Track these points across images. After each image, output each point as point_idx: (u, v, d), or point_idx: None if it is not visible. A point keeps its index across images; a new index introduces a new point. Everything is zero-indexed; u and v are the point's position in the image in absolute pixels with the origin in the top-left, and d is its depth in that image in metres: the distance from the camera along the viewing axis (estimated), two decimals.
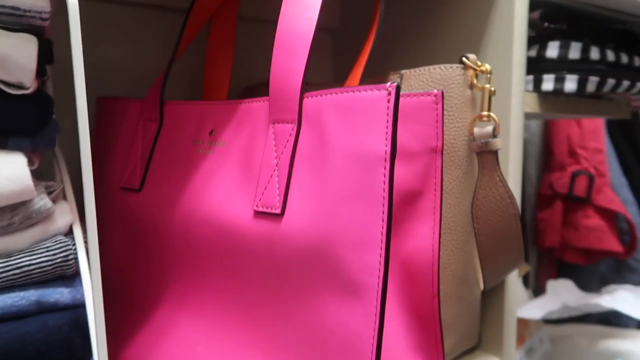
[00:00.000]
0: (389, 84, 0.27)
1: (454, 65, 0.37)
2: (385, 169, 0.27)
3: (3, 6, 0.28)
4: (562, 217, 0.78)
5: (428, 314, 0.34)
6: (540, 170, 0.83)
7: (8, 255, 0.30)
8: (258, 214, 0.32)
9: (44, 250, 0.31)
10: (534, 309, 0.64)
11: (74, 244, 0.32)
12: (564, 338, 0.67)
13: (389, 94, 0.27)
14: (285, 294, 0.31)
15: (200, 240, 0.36)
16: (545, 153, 0.83)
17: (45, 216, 0.31)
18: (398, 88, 0.27)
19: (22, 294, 0.30)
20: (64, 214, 0.32)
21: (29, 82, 0.29)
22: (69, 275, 0.32)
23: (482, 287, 0.43)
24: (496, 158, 0.37)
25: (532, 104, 0.46)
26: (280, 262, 0.31)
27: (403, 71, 0.40)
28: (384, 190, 0.27)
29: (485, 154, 0.37)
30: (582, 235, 0.76)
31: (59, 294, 0.31)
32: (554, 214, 0.78)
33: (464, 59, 0.37)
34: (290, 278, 0.31)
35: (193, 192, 0.37)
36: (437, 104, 0.33)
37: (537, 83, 0.46)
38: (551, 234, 0.78)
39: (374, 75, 0.41)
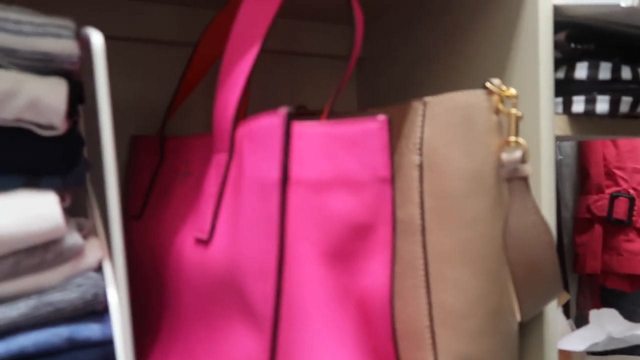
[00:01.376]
0: (281, 109, 0.27)
1: (478, 91, 0.36)
2: (277, 195, 0.27)
3: (34, 52, 0.29)
4: (603, 241, 0.74)
5: (387, 357, 0.32)
6: (576, 192, 0.80)
7: (40, 292, 0.30)
8: (196, 241, 0.33)
9: (75, 287, 0.31)
10: (577, 341, 0.61)
11: (104, 281, 0.32)
12: None
13: (281, 119, 0.27)
14: (209, 322, 0.32)
15: (167, 265, 0.37)
16: (581, 175, 0.81)
17: (76, 253, 0.32)
18: (289, 115, 0.27)
19: (54, 330, 0.30)
20: (95, 251, 0.33)
21: (60, 123, 0.30)
22: (99, 311, 0.32)
23: (519, 318, 0.41)
24: (527, 184, 0.36)
25: (563, 126, 0.44)
26: (206, 288, 0.32)
27: (426, 98, 0.39)
28: (278, 217, 0.27)
29: (515, 181, 0.36)
30: (625, 260, 0.72)
31: (90, 331, 0.31)
32: (593, 238, 0.75)
33: (488, 84, 0.36)
34: (212, 305, 0.31)
35: (167, 220, 0.38)
36: (382, 129, 0.31)
37: (567, 105, 0.45)
38: (592, 260, 0.75)
39: (398, 103, 0.41)
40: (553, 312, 0.42)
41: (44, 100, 0.29)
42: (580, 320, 0.78)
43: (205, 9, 0.55)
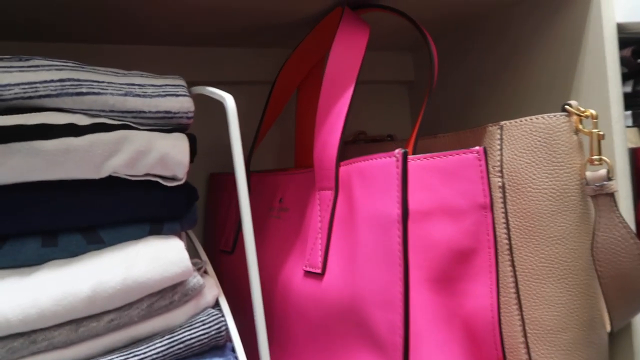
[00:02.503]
0: (397, 150, 0.29)
1: (558, 114, 0.38)
2: (399, 230, 0.28)
3: (158, 111, 0.32)
4: None
5: None
6: (634, 196, 0.80)
7: (171, 330, 0.33)
8: (306, 274, 0.35)
9: (200, 324, 0.33)
10: None
11: (223, 316, 0.35)
12: None
13: (397, 160, 0.29)
14: (328, 350, 0.33)
15: (271, 297, 0.39)
16: (637, 178, 0.81)
17: (198, 292, 0.34)
18: (405, 154, 0.29)
19: None
20: (211, 288, 0.35)
21: (183, 174, 0.33)
22: (221, 345, 0.35)
23: (609, 329, 0.42)
24: (613, 200, 0.37)
25: (634, 139, 0.46)
26: (323, 318, 0.34)
27: (502, 122, 0.41)
28: (399, 252, 0.28)
29: (601, 197, 0.37)
30: None
31: None
32: None
33: (567, 106, 0.38)
34: (330, 333, 0.33)
35: (267, 254, 0.40)
36: (480, 160, 0.33)
37: (637, 117, 0.46)
38: None
39: (471, 128, 0.43)
40: None
41: (171, 156, 0.31)
42: None
43: (273, 49, 0.57)
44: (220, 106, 0.56)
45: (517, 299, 0.40)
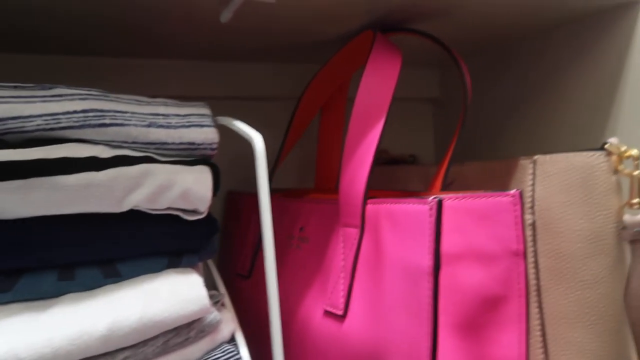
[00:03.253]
0: (431, 198, 0.28)
1: (597, 152, 0.36)
2: (429, 282, 0.27)
3: (182, 143, 0.31)
4: None
5: None
6: None
7: None
8: (326, 313, 0.34)
9: None
10: None
11: (239, 352, 0.34)
12: None
13: (431, 208, 0.28)
14: None
15: (288, 331, 0.37)
16: None
17: (214, 328, 0.33)
18: (439, 203, 0.28)
19: None
20: (228, 323, 0.34)
21: (204, 209, 0.32)
22: None
23: None
24: None
25: None
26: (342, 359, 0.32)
27: (537, 157, 0.39)
28: (428, 304, 0.27)
29: (638, 243, 0.35)
30: None
31: None
32: None
33: (607, 145, 0.36)
34: None
35: (285, 285, 0.39)
36: (515, 204, 0.31)
37: None
38: None
39: (500, 157, 0.41)
40: None
41: (193, 191, 0.30)
42: None
43: (294, 64, 0.56)
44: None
45: (544, 342, 0.38)
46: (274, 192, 0.47)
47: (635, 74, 0.42)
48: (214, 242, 0.35)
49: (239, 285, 0.46)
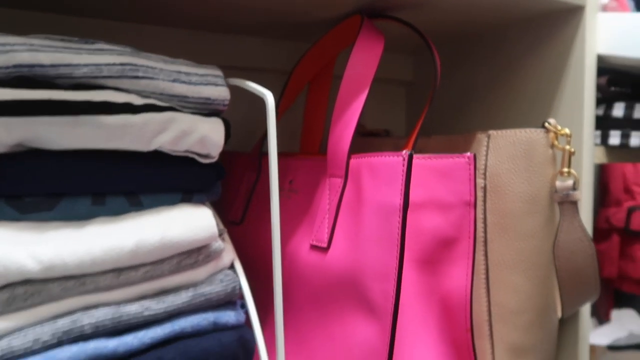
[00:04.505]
0: (404, 151, 0.35)
1: (538, 130, 0.44)
2: (399, 217, 0.35)
3: (200, 98, 0.37)
4: (620, 249, 0.83)
5: (464, 345, 0.39)
6: (595, 206, 0.88)
7: (194, 285, 0.38)
8: (312, 247, 0.40)
9: (219, 281, 0.39)
10: (601, 336, 0.69)
11: (238, 277, 0.40)
12: None
13: (404, 160, 0.35)
14: (326, 313, 0.39)
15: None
16: (601, 190, 0.89)
17: (218, 254, 0.39)
18: (411, 156, 0.35)
19: (203, 315, 0.38)
20: (229, 253, 0.41)
21: (216, 154, 0.38)
22: (233, 302, 0.40)
23: (559, 316, 0.49)
24: (576, 207, 0.44)
25: (600, 155, 0.52)
26: (324, 286, 0.39)
27: (491, 132, 0.47)
28: (398, 235, 0.34)
29: (566, 204, 0.44)
30: (638, 266, 0.80)
31: (228, 317, 0.39)
32: (611, 247, 0.83)
33: (546, 124, 0.44)
34: (330, 300, 0.39)
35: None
36: (469, 164, 0.38)
37: (605, 138, 0.52)
38: (609, 266, 0.83)
39: (460, 128, 0.49)
40: (587, 313, 0.50)
41: (209, 137, 0.36)
42: (596, 319, 0.87)
43: (286, 41, 0.62)
44: (235, 90, 0.61)
45: (486, 284, 0.46)
46: (264, 153, 0.53)
47: (575, 70, 0.50)
48: (218, 185, 0.41)
49: (230, 231, 0.52)
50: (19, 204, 0.34)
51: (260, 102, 0.63)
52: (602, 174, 0.88)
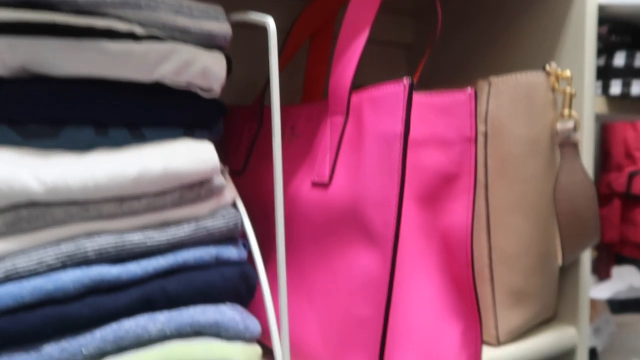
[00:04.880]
0: (404, 79, 0.35)
1: (539, 72, 0.44)
2: (400, 144, 0.35)
3: (202, 31, 0.37)
4: (621, 214, 0.83)
5: (464, 279, 0.40)
6: (597, 170, 0.88)
7: (197, 219, 0.38)
8: (313, 185, 0.41)
9: (221, 217, 0.39)
10: (601, 291, 0.69)
11: (240, 214, 0.41)
12: (627, 325, 0.72)
13: (405, 87, 0.35)
14: (327, 250, 0.39)
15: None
16: (603, 155, 0.89)
17: (220, 190, 0.40)
18: (412, 84, 0.35)
19: (206, 249, 0.38)
20: (230, 190, 0.41)
21: (218, 88, 0.38)
22: (235, 238, 0.41)
23: (560, 263, 0.49)
24: (577, 149, 0.44)
25: (601, 105, 0.52)
26: (325, 222, 0.39)
27: (491, 78, 0.47)
28: (399, 161, 0.35)
29: (567, 146, 0.44)
30: None
31: (230, 252, 0.39)
32: (612, 211, 0.83)
33: (546, 66, 0.44)
34: (331, 235, 0.39)
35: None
36: (470, 100, 0.39)
37: (606, 88, 0.53)
38: (610, 230, 0.83)
39: (464, 82, 0.49)
40: (588, 260, 0.50)
41: (211, 69, 0.37)
42: (597, 278, 0.87)
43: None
44: (236, 43, 0.61)
45: (487, 229, 0.47)
46: (265, 105, 0.53)
47: (576, 19, 0.50)
48: (220, 124, 0.42)
49: (233, 181, 0.52)
50: (22, 130, 0.34)
51: (263, 53, 0.63)
52: (603, 140, 0.88)
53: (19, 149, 0.34)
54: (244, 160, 0.52)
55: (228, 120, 0.57)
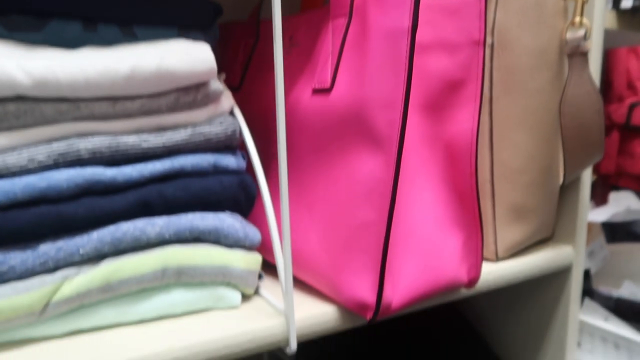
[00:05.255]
0: None
1: None
2: (407, 39, 0.33)
3: None
4: (619, 145, 0.82)
5: (467, 189, 0.39)
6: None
7: (194, 124, 0.37)
8: (315, 92, 0.39)
9: (219, 123, 0.38)
10: (598, 214, 0.70)
11: (237, 121, 0.39)
12: (619, 252, 0.73)
13: None
14: (328, 156, 0.38)
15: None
16: (604, 85, 0.87)
17: (217, 96, 0.38)
18: None
19: (204, 156, 0.37)
20: (228, 98, 0.40)
21: None
22: (233, 147, 0.39)
23: (561, 181, 0.49)
24: (586, 59, 0.42)
25: (611, 20, 0.51)
26: (327, 129, 0.37)
27: None
28: (406, 58, 0.33)
29: (576, 56, 0.42)
30: (637, 162, 0.80)
31: (228, 161, 0.38)
32: (610, 143, 0.83)
33: None
34: (333, 143, 0.37)
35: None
36: (480, 0, 0.37)
37: (617, 1, 0.51)
38: (607, 162, 0.83)
39: None
40: (588, 179, 0.50)
41: None
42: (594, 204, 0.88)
43: None
44: None
45: (490, 143, 0.46)
46: (261, 19, 0.50)
47: None
48: (216, 27, 0.40)
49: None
50: (5, 21, 0.32)
51: None
52: (605, 71, 0.87)
53: (3, 42, 0.32)
54: (241, 75, 0.50)
55: (223, 38, 0.54)
